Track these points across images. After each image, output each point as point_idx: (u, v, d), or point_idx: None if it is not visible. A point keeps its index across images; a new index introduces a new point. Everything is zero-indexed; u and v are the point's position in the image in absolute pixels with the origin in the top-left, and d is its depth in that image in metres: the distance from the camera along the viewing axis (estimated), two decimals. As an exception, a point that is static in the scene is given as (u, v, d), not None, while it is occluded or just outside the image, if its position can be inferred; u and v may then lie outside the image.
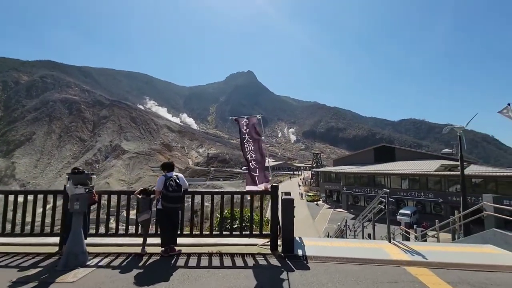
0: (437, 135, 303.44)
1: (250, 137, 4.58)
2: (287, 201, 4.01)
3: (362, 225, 6.88)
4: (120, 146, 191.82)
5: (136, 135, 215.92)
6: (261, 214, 4.57)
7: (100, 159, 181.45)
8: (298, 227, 31.85)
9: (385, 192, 4.84)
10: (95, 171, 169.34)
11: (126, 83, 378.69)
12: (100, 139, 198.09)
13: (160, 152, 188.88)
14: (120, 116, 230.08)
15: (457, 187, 32.29)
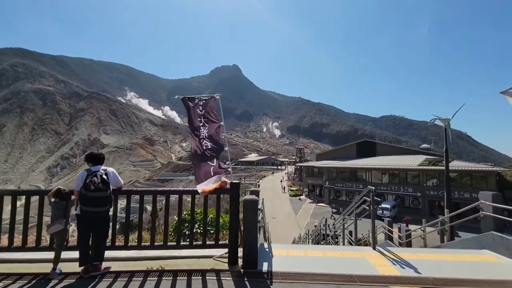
0: (415, 131, 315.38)
1: (206, 120, 3.65)
2: (250, 202, 3.15)
3: (343, 226, 6.16)
4: (99, 140, 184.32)
5: (116, 129, 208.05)
6: (217, 218, 3.66)
7: (77, 153, 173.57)
8: (280, 223, 31.44)
9: (370, 190, 4.09)
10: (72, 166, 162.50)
11: (105, 74, 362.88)
12: (78, 133, 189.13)
13: (141, 146, 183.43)
14: (99, 108, 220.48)
15: (434, 181, 33.04)
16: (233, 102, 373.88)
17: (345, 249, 3.91)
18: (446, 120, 8.35)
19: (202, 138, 3.59)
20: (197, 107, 3.67)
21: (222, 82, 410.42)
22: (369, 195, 4.02)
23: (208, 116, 3.70)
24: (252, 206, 3.13)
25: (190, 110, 3.67)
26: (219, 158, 3.63)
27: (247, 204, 3.14)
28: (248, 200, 3.15)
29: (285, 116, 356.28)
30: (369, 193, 4.02)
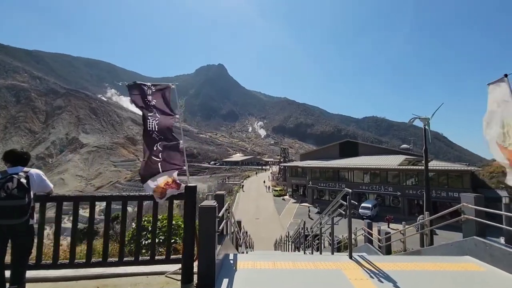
0: (396, 132, 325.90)
1: (158, 111, 3.13)
2: (205, 209, 2.66)
3: (320, 230, 5.80)
4: (78, 139, 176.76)
5: (97, 128, 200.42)
6: (169, 227, 3.13)
7: (54, 153, 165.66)
8: (263, 223, 31.10)
9: (346, 192, 3.71)
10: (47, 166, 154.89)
11: (85, 71, 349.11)
12: (54, 131, 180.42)
13: (123, 146, 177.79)
14: (78, 106, 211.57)
15: (413, 180, 33.88)
16: (218, 102, 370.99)
17: (319, 259, 3.51)
18: (426, 120, 8.25)
19: (151, 131, 3.07)
20: (147, 96, 3.14)
21: (208, 81, 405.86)
22: (346, 199, 3.65)
23: (159, 107, 3.18)
24: (208, 213, 2.64)
25: (138, 98, 3.12)
26: (172, 154, 3.12)
27: (202, 211, 2.66)
28: (204, 207, 2.66)
29: (271, 116, 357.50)
30: (346, 196, 3.65)
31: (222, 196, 3.58)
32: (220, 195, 3.58)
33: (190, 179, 16.70)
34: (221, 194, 3.63)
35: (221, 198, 3.51)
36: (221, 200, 3.49)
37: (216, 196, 3.57)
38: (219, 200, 3.43)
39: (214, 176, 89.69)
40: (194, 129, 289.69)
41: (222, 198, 3.52)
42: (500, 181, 43.12)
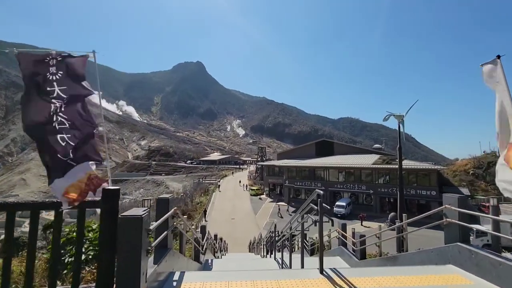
0: (368, 133, 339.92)
1: (65, 88, 2.33)
2: (128, 221, 1.95)
3: (290, 236, 5.25)
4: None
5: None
6: (78, 248, 2.32)
7: (14, 151, 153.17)
8: (239, 223, 30.41)
9: (318, 194, 3.16)
10: (7, 165, 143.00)
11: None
12: (16, 128, 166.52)
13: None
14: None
15: (384, 178, 34.94)
16: (197, 100, 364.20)
17: (284, 275, 2.91)
18: (400, 117, 8.09)
19: (54, 112, 2.26)
20: (49, 67, 2.32)
21: (185, 79, 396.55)
22: (317, 202, 3.10)
23: (68, 82, 2.38)
24: (132, 226, 1.93)
25: (33, 68, 2.29)
26: (84, 144, 2.35)
27: (123, 224, 1.93)
28: (126, 219, 1.94)
29: (249, 115, 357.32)
30: (317, 199, 3.10)
31: (167, 200, 2.86)
32: (164, 200, 2.86)
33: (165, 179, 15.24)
34: (165, 198, 2.90)
35: (164, 203, 2.79)
36: (165, 205, 2.77)
37: (159, 201, 2.84)
38: (162, 206, 2.71)
39: (191, 175, 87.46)
40: (171, 128, 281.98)
41: (166, 204, 2.80)
42: (462, 179, 46.09)
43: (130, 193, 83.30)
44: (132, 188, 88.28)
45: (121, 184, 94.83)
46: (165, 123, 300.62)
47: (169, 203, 2.84)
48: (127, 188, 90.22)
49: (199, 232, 5.61)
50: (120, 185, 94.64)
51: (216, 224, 30.59)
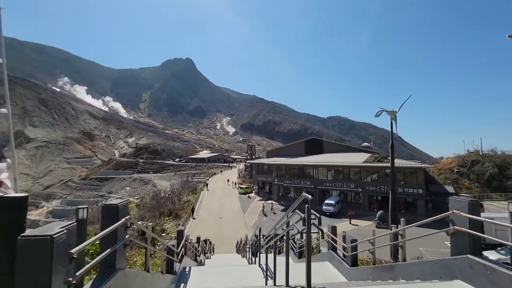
0: (357, 132, 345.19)
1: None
2: (30, 244, 1.33)
3: (274, 244, 4.73)
4: (23, 133, 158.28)
5: (47, 121, 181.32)
6: None
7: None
8: (227, 223, 29.82)
9: (305, 199, 2.64)
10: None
11: (33, 57, 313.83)
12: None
13: (78, 142, 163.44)
14: (25, 96, 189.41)
15: (372, 176, 35.07)
16: (186, 97, 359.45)
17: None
18: (392, 113, 7.73)
19: None
20: None
21: (175, 76, 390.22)
22: (305, 209, 2.58)
23: None
24: (36, 251, 1.32)
25: None
26: None
27: (23, 249, 1.32)
28: (28, 240, 1.33)
29: (239, 113, 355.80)
30: (305, 204, 2.58)
31: (115, 207, 2.23)
32: (110, 207, 2.23)
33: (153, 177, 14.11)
34: (113, 205, 2.28)
35: (111, 211, 2.17)
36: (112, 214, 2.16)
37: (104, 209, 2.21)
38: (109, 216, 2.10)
39: (179, 173, 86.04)
40: (160, 125, 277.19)
41: (113, 212, 2.18)
42: (447, 177, 47.11)
43: (116, 192, 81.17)
44: (118, 187, 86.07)
45: (107, 183, 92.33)
46: (154, 120, 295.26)
47: (118, 210, 2.22)
48: (113, 186, 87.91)
49: (175, 238, 5.06)
50: (106, 183, 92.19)
51: (204, 223, 29.90)
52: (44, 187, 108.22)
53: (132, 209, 47.93)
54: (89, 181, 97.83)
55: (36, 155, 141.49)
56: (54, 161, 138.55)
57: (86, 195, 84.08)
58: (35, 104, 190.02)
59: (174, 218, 32.97)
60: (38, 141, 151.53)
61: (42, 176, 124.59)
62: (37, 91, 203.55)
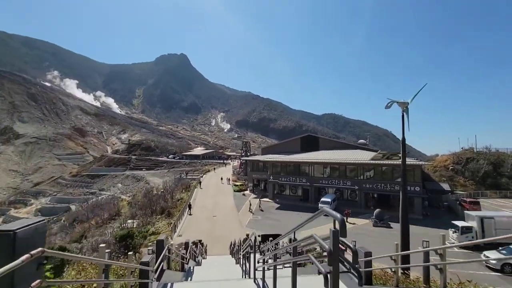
0: (351, 129, 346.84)
1: None
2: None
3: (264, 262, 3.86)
4: (12, 128, 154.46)
5: (37, 116, 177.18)
6: None
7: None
8: (221, 221, 28.95)
9: (333, 218, 1.88)
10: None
11: (23, 51, 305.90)
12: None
13: (70, 138, 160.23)
14: (13, 91, 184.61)
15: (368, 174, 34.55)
16: (180, 94, 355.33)
17: None
18: (404, 104, 6.95)
19: None
20: None
21: (169, 71, 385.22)
22: (329, 235, 1.83)
23: None
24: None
25: None
26: None
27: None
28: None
29: (234, 110, 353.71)
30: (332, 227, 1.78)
31: (13, 237, 1.33)
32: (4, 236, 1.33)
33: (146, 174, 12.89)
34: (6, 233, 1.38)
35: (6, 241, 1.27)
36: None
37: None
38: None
39: (173, 170, 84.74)
40: (153, 121, 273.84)
41: (9, 242, 1.29)
42: (442, 175, 47.06)
43: (107, 189, 79.59)
44: (110, 184, 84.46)
45: (98, 180, 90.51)
46: (147, 117, 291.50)
47: (15, 242, 1.35)
48: (105, 183, 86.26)
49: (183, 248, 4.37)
50: (97, 180, 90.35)
51: (197, 221, 29.03)
52: (34, 184, 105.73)
53: (124, 207, 46.74)
54: (80, 178, 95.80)
55: (25, 152, 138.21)
56: (44, 157, 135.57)
57: (77, 192, 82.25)
58: (24, 99, 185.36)
59: (167, 217, 32.00)
60: (28, 137, 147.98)
61: (31, 173, 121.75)
62: (26, 85, 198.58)
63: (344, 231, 1.89)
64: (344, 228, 1.85)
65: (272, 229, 25.03)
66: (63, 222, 49.18)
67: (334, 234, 1.87)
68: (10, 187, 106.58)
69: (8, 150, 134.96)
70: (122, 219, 35.33)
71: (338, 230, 1.86)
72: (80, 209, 52.29)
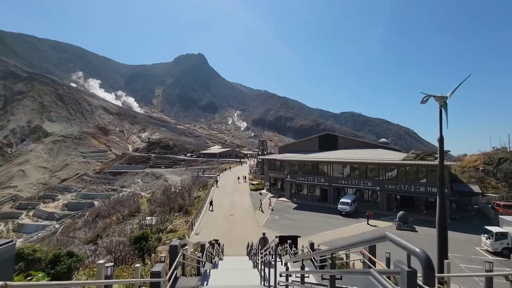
0: (370, 128, 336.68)
1: None
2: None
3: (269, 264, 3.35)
4: (42, 127, 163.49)
5: (64, 116, 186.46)
6: None
7: (13, 142, 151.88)
8: (238, 220, 28.75)
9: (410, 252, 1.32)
10: (6, 156, 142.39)
11: (52, 54, 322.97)
12: (15, 119, 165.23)
13: (94, 136, 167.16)
14: (43, 92, 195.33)
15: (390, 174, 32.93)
16: (198, 93, 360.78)
17: None
18: (443, 99, 6.19)
19: None
20: None
21: (187, 71, 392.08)
22: None
23: None
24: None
25: None
26: None
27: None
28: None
29: (251, 108, 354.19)
30: None
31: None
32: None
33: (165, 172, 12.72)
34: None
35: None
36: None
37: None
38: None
39: (190, 168, 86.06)
40: (172, 120, 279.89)
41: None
42: (472, 176, 44.15)
43: (128, 186, 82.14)
44: (131, 181, 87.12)
45: (120, 177, 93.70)
46: (166, 116, 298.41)
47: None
48: (126, 180, 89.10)
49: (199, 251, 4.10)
50: (119, 177, 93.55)
51: (214, 220, 29.02)
52: (61, 180, 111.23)
53: (143, 203, 47.85)
54: (103, 175, 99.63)
55: (53, 149, 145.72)
56: (70, 155, 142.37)
57: (100, 188, 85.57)
58: (52, 99, 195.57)
59: (184, 214, 32.27)
60: (56, 135, 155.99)
61: (59, 170, 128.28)
62: (54, 86, 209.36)
63: (432, 277, 1.24)
64: (431, 273, 1.24)
65: (289, 229, 24.49)
66: (87, 217, 51.20)
67: (410, 277, 1.34)
68: (40, 183, 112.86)
69: (38, 147, 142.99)
70: (142, 216, 36.10)
71: (414, 271, 1.34)
72: (102, 205, 54.24)
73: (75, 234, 43.76)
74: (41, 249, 5.40)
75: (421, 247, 1.37)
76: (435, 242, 20.36)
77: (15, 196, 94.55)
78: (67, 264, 4.97)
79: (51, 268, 4.93)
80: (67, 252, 5.48)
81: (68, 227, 51.90)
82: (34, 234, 58.38)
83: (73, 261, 5.15)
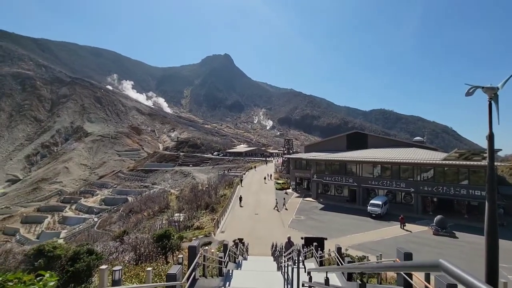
0: (403, 125, 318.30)
1: None
2: None
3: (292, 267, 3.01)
4: (83, 128, 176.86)
5: (101, 117, 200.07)
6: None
7: (59, 141, 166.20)
8: (263, 219, 28.59)
9: None
10: (53, 154, 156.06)
11: (90, 60, 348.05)
12: (59, 120, 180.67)
13: (128, 136, 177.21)
14: (83, 95, 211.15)
15: (426, 175, 30.61)
16: (224, 93, 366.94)
17: None
18: (493, 90, 5.41)
19: None
20: None
21: (213, 72, 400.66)
22: None
23: None
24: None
25: None
26: None
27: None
28: None
29: (276, 107, 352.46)
30: None
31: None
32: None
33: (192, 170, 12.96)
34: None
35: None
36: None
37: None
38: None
39: (217, 167, 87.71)
40: (199, 120, 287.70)
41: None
42: (522, 178, 39.72)
43: (159, 183, 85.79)
44: (161, 178, 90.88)
45: (151, 174, 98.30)
46: (194, 115, 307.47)
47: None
48: (157, 178, 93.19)
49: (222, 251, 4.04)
50: (150, 175, 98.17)
51: (239, 218, 29.16)
52: (99, 177, 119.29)
53: (172, 200, 49.64)
54: (136, 173, 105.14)
55: (92, 148, 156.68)
56: (107, 153, 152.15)
57: (133, 185, 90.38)
58: (91, 101, 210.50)
59: (210, 212, 32.87)
60: (94, 135, 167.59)
61: (97, 167, 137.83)
62: (93, 90, 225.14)
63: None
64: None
65: (315, 230, 23.81)
66: (121, 212, 54.32)
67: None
68: (81, 179, 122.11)
69: (80, 146, 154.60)
70: (170, 212, 37.44)
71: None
72: (135, 201, 57.22)
73: (110, 228, 46.63)
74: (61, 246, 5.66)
75: (462, 255, 1.11)
76: (477, 249, 18.48)
77: (60, 191, 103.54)
78: (87, 261, 5.15)
79: (70, 266, 5.13)
80: (87, 249, 5.69)
81: (105, 221, 55.50)
82: (76, 226, 63.25)
83: (93, 259, 5.34)
